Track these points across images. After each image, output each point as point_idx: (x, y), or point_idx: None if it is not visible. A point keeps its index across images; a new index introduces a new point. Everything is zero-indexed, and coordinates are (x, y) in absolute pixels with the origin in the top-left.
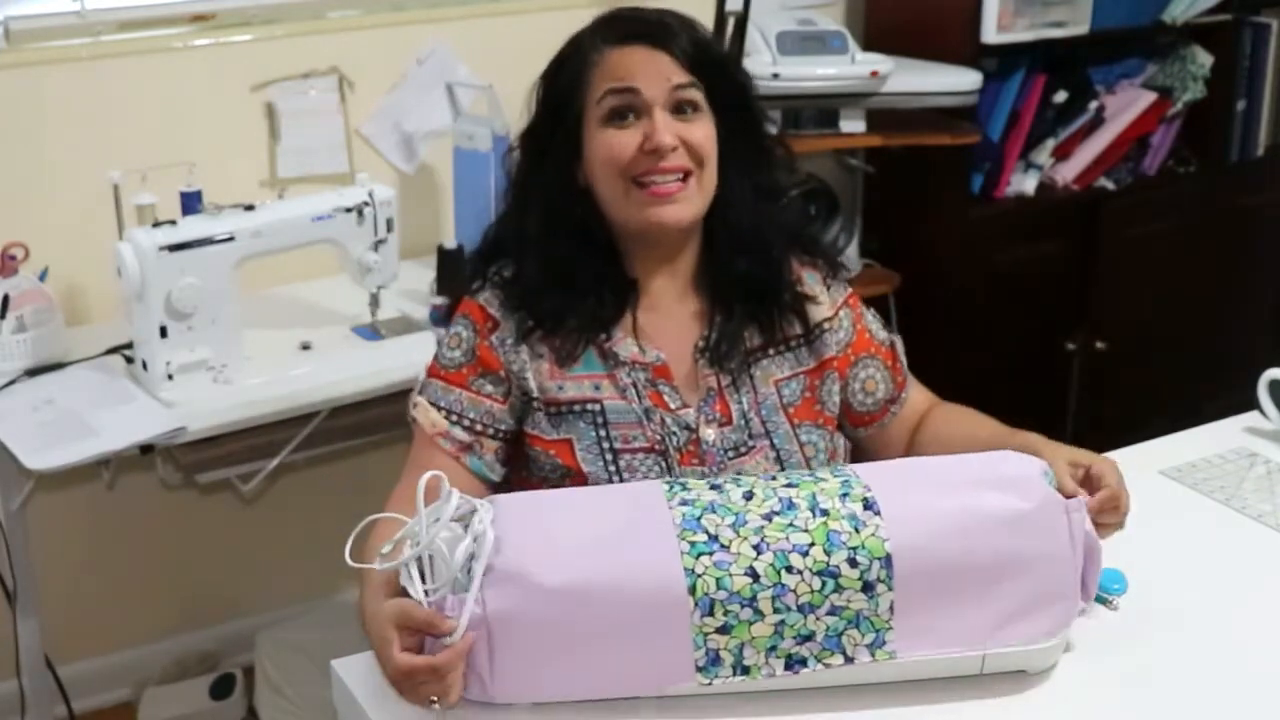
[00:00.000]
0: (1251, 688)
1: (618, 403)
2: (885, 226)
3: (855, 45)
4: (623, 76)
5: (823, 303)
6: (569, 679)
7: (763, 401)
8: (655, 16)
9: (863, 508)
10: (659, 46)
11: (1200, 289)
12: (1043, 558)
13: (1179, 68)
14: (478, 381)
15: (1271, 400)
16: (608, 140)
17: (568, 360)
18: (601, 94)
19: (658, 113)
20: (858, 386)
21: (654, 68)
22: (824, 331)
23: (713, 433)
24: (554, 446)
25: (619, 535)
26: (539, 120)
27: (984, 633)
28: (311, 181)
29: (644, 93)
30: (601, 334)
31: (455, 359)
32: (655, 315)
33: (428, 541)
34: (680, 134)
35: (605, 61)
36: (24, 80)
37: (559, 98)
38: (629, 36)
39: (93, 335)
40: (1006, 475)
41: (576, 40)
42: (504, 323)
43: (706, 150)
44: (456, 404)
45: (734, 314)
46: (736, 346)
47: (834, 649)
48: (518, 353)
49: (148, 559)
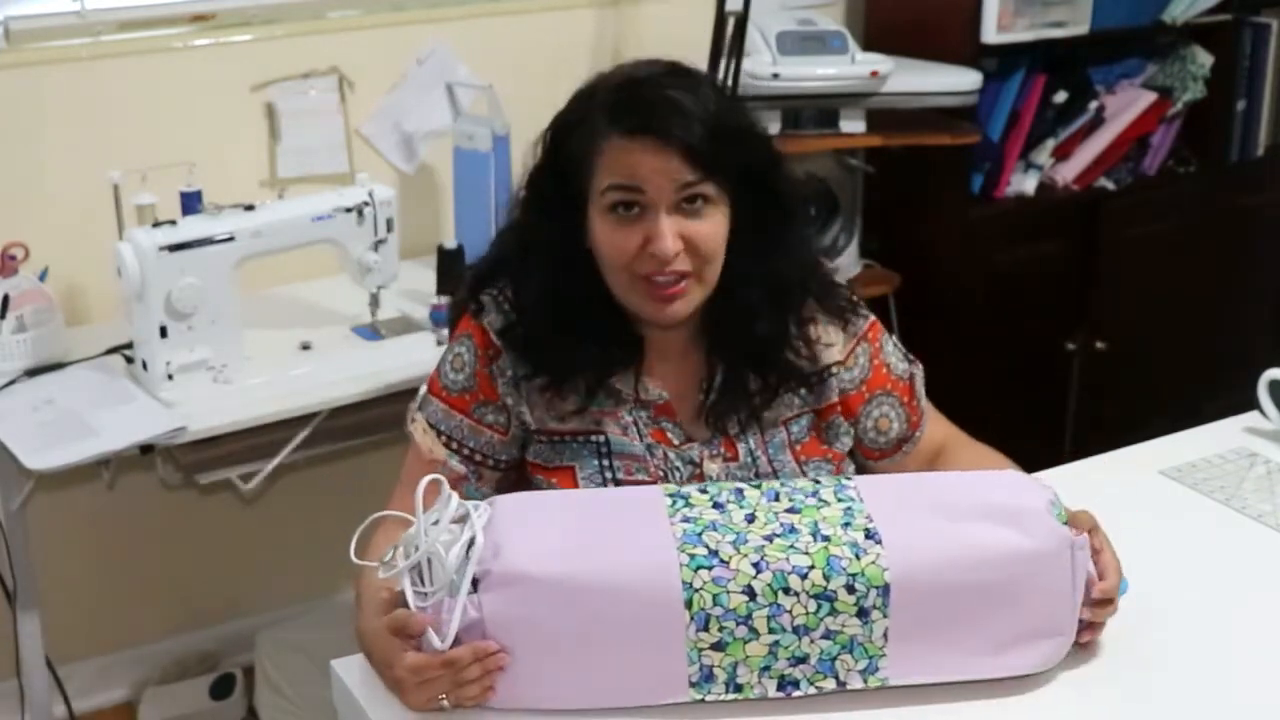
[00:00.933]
0: (1252, 688)
1: (620, 438)
2: (885, 226)
3: (855, 45)
4: (628, 175)
5: (834, 345)
6: (565, 686)
7: (770, 440)
8: (669, 102)
9: (864, 536)
10: (669, 142)
11: (1200, 289)
12: (1043, 594)
13: (1179, 68)
14: (479, 410)
15: (1271, 400)
16: (610, 234)
17: (569, 395)
18: (605, 187)
19: (662, 217)
20: (870, 424)
21: (660, 168)
22: (831, 374)
23: (716, 467)
24: (555, 475)
25: (619, 543)
26: (544, 178)
27: (977, 662)
28: (311, 181)
29: (649, 194)
30: (606, 376)
31: (459, 382)
32: (659, 361)
33: (427, 545)
34: (685, 233)
35: (611, 150)
36: (24, 80)
37: (564, 165)
38: (639, 128)
39: (93, 335)
40: (1013, 507)
41: (584, 111)
42: (505, 353)
43: (710, 247)
44: (457, 431)
45: (735, 374)
46: (738, 404)
47: (827, 672)
48: (515, 387)
49: (148, 559)
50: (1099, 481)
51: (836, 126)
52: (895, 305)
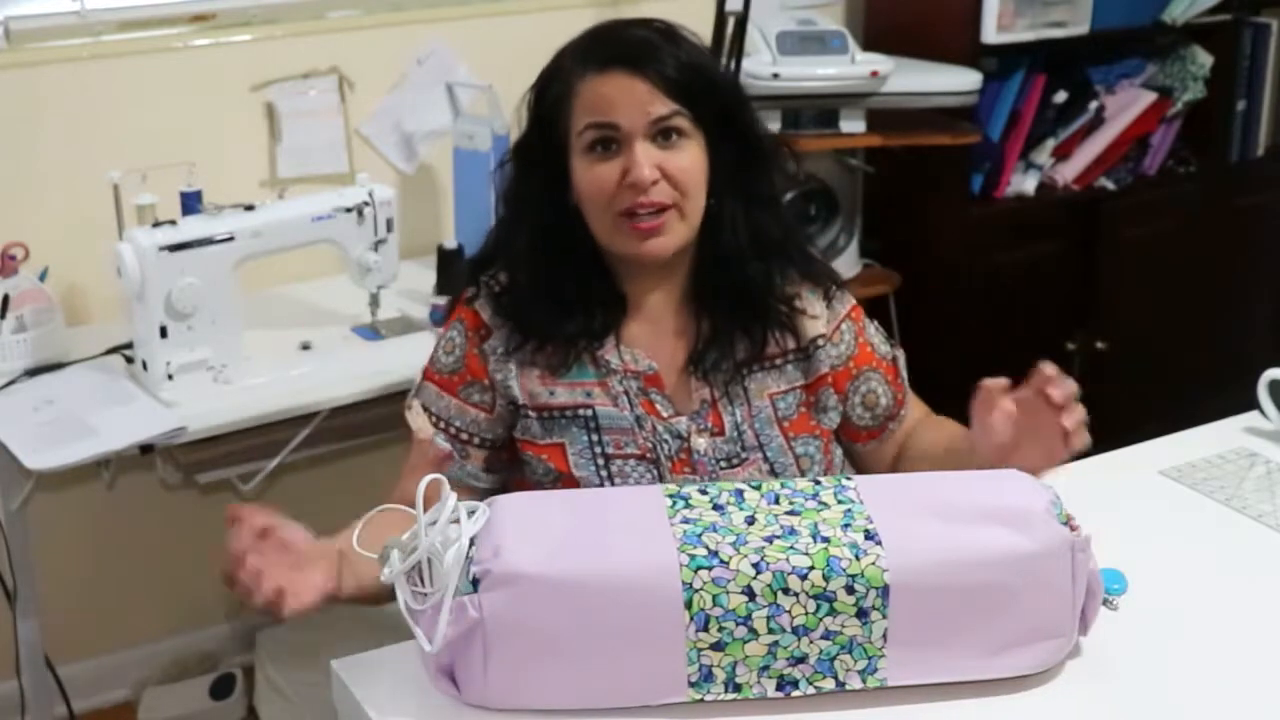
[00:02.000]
0: (1251, 687)
1: (609, 409)
2: (885, 226)
3: (855, 45)
4: (602, 110)
5: (819, 317)
6: (563, 686)
7: (756, 414)
8: (638, 36)
9: (864, 537)
10: (639, 73)
11: (1200, 289)
12: (1043, 596)
13: (1179, 68)
14: (466, 390)
15: (1271, 400)
16: (590, 173)
17: (559, 368)
18: (582, 126)
19: (637, 145)
20: (858, 400)
21: (633, 98)
22: (819, 348)
23: (704, 442)
24: (546, 451)
25: (619, 543)
26: (528, 137)
27: (976, 663)
28: (311, 181)
29: (623, 126)
30: (593, 343)
31: (448, 364)
32: (647, 327)
33: (426, 546)
34: (661, 164)
35: (586, 90)
36: (24, 80)
37: (545, 120)
38: (610, 61)
39: (93, 335)
40: (1013, 508)
41: (560, 60)
42: (496, 331)
43: (689, 179)
44: (445, 410)
45: (722, 327)
46: (724, 359)
47: (826, 673)
48: (505, 362)
49: (148, 559)
50: (1099, 481)
51: (836, 126)
52: (895, 305)
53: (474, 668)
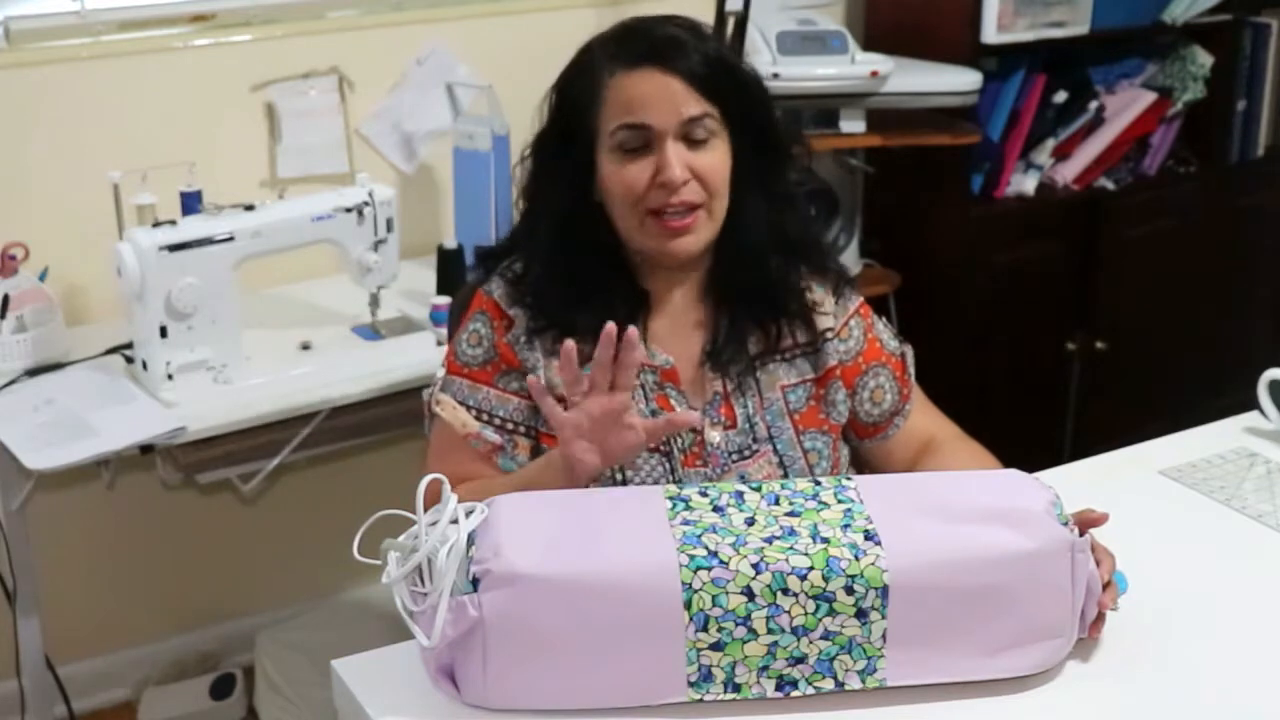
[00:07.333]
0: (1252, 687)
1: None
2: (885, 226)
3: (855, 45)
4: (634, 110)
5: (828, 312)
6: (563, 686)
7: (768, 407)
8: (669, 34)
9: (863, 538)
10: (671, 70)
11: (1200, 289)
12: (1043, 595)
13: (1179, 68)
14: (503, 379)
15: (1271, 400)
16: (620, 172)
17: (581, 361)
18: (614, 126)
19: (669, 144)
20: (866, 395)
21: (665, 97)
22: (828, 341)
23: (718, 435)
24: None
25: (619, 543)
26: (551, 133)
27: (975, 663)
28: (311, 181)
29: (655, 126)
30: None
31: (478, 356)
32: (664, 321)
33: (427, 547)
34: (691, 164)
35: (617, 88)
36: (24, 80)
37: (571, 116)
38: (641, 58)
39: (93, 335)
40: (1014, 509)
41: (588, 55)
42: (517, 320)
43: (718, 179)
44: (485, 402)
45: (738, 322)
46: (740, 353)
47: (825, 673)
48: (531, 349)
49: (148, 559)
50: (1099, 481)
51: (836, 126)
52: (895, 305)
53: (474, 667)
